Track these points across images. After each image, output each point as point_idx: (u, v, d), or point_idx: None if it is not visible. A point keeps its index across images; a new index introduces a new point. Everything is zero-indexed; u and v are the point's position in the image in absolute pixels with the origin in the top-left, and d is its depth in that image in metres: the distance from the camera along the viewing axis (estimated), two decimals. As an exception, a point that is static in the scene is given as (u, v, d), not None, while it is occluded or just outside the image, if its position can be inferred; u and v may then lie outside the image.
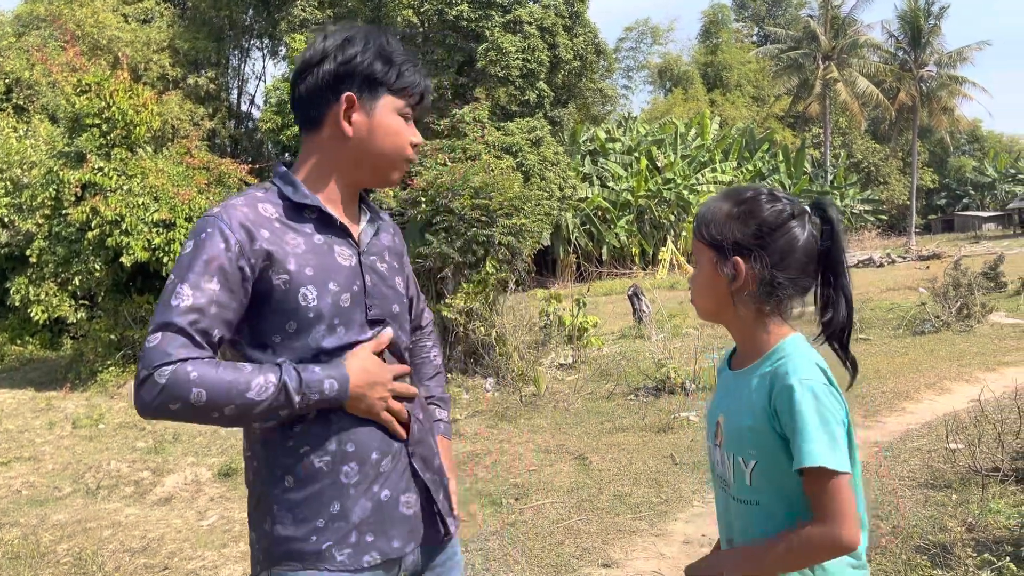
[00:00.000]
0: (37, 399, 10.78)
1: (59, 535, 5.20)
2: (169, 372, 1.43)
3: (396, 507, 1.65)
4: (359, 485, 1.61)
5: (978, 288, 12.08)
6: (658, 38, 59.29)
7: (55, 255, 11.60)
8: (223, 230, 1.52)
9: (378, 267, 1.73)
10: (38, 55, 17.59)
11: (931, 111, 43.63)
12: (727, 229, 1.58)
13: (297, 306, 1.56)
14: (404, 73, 1.69)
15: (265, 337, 1.58)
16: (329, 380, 1.55)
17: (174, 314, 1.47)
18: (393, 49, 1.68)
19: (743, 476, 1.55)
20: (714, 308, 1.64)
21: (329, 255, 1.62)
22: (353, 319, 1.63)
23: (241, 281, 1.53)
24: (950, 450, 5.47)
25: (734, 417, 1.59)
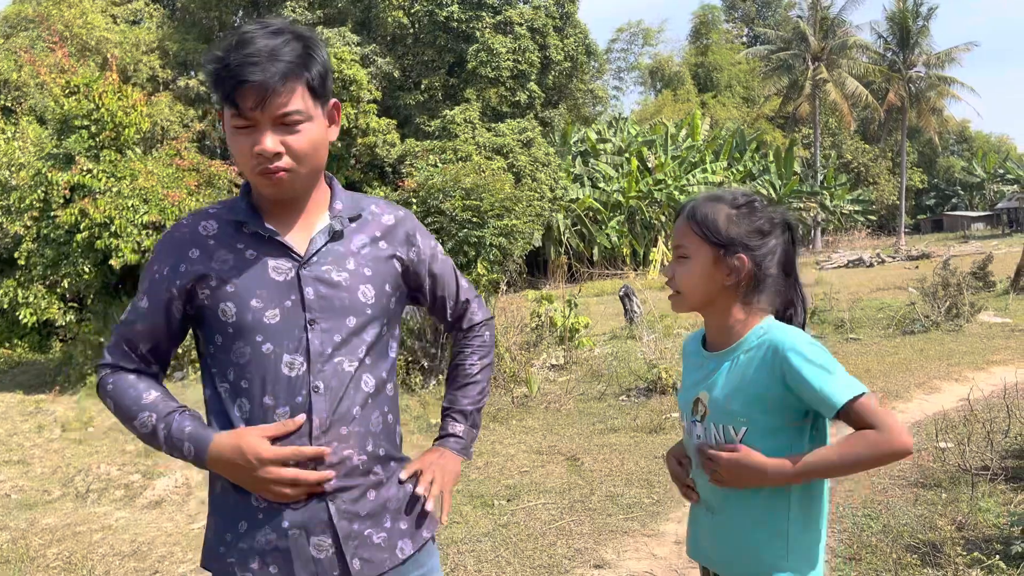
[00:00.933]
0: (26, 402, 10.71)
1: (49, 539, 5.17)
2: (101, 375, 1.67)
3: (306, 546, 1.57)
4: (267, 512, 1.57)
5: (967, 287, 12.14)
6: (649, 39, 59.45)
7: (44, 257, 11.53)
8: (159, 252, 1.64)
9: (330, 277, 1.60)
10: (26, 56, 17.52)
11: (920, 111, 43.91)
12: (733, 228, 1.74)
13: (217, 321, 1.58)
14: (214, 83, 1.51)
15: (204, 348, 1.65)
16: (189, 443, 1.56)
17: (121, 324, 1.67)
18: (216, 58, 1.50)
19: (734, 442, 1.71)
20: (704, 299, 1.79)
21: (260, 271, 1.58)
22: (281, 335, 1.56)
23: (166, 302, 1.61)
24: (940, 449, 5.50)
25: (721, 391, 1.74)
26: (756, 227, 1.75)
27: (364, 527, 1.61)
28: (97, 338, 12.11)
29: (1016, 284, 14.74)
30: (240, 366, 1.56)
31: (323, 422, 1.56)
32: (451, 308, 1.89)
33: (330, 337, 1.58)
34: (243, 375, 1.56)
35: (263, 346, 1.55)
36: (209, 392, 1.63)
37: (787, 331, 1.70)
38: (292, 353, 1.56)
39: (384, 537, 1.64)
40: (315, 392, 1.56)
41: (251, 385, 1.56)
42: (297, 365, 1.56)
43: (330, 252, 1.63)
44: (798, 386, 1.62)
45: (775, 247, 1.76)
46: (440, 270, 1.84)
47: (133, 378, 1.63)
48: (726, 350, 1.77)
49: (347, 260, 1.64)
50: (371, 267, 1.67)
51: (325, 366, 1.57)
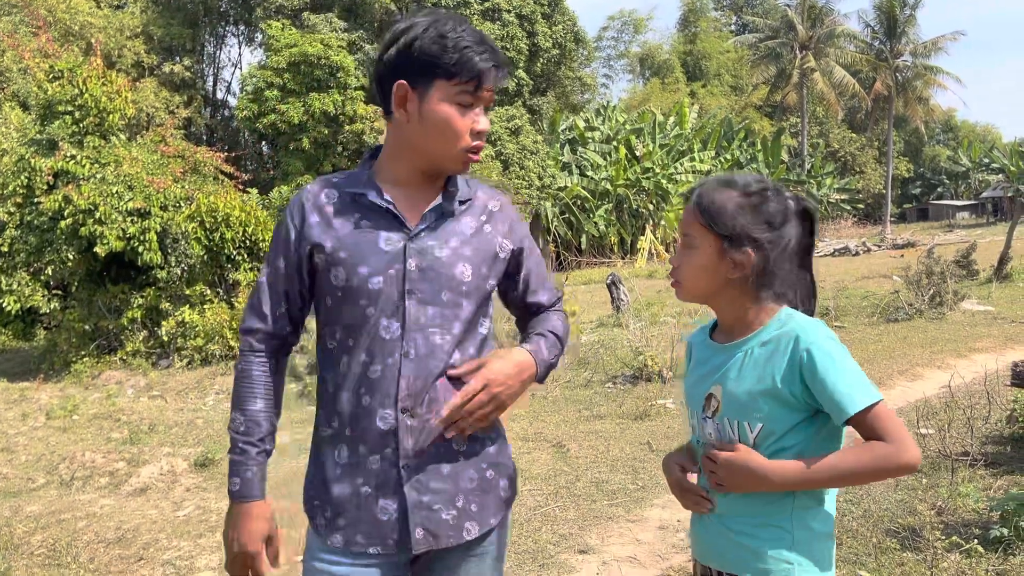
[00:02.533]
0: (10, 390, 10.65)
1: (33, 526, 5.16)
2: (242, 348, 1.79)
3: (372, 507, 1.67)
4: (346, 468, 1.70)
5: (950, 276, 12.23)
6: (640, 28, 59.28)
7: (27, 244, 11.45)
8: (288, 216, 1.76)
9: (434, 252, 1.70)
10: (9, 41, 17.32)
11: (906, 101, 44.07)
12: (740, 219, 1.62)
13: (330, 285, 1.69)
14: (459, 58, 1.63)
15: (317, 309, 1.77)
16: (235, 480, 1.72)
17: (258, 286, 1.78)
18: (455, 35, 1.64)
19: (748, 439, 1.60)
20: (706, 291, 1.69)
21: (371, 239, 1.69)
22: (383, 300, 1.67)
23: (297, 264, 1.73)
24: (921, 435, 5.56)
25: (735, 384, 1.63)
26: (767, 217, 1.63)
27: (434, 500, 1.69)
28: (82, 325, 12.05)
29: (999, 273, 14.86)
30: (347, 326, 1.69)
31: (410, 385, 1.66)
32: (548, 299, 1.92)
33: (424, 308, 1.68)
34: (349, 335, 1.69)
35: (366, 309, 1.67)
36: (320, 349, 1.77)
37: (809, 323, 1.61)
38: (389, 318, 1.67)
39: (453, 515, 1.71)
40: (406, 357, 1.66)
41: (355, 344, 1.68)
42: (393, 330, 1.67)
43: (437, 229, 1.73)
44: (813, 382, 1.54)
45: (788, 239, 1.64)
46: (537, 261, 1.91)
47: (257, 372, 1.75)
48: (740, 340, 1.67)
49: (451, 238, 1.73)
50: (472, 248, 1.75)
51: (417, 334, 1.67)
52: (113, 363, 11.71)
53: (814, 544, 1.61)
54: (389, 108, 1.72)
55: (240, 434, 1.72)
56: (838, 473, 1.55)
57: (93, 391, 10.31)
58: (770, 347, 1.60)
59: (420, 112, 1.67)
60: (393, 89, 1.68)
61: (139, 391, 10.35)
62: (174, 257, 11.68)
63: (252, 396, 1.73)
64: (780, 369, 1.57)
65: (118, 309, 12.07)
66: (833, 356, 1.54)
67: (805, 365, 1.54)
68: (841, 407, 1.52)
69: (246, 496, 1.70)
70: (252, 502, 1.70)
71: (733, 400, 1.63)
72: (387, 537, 1.68)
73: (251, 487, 1.70)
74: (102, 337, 12.12)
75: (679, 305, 13.31)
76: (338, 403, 1.70)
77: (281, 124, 22.51)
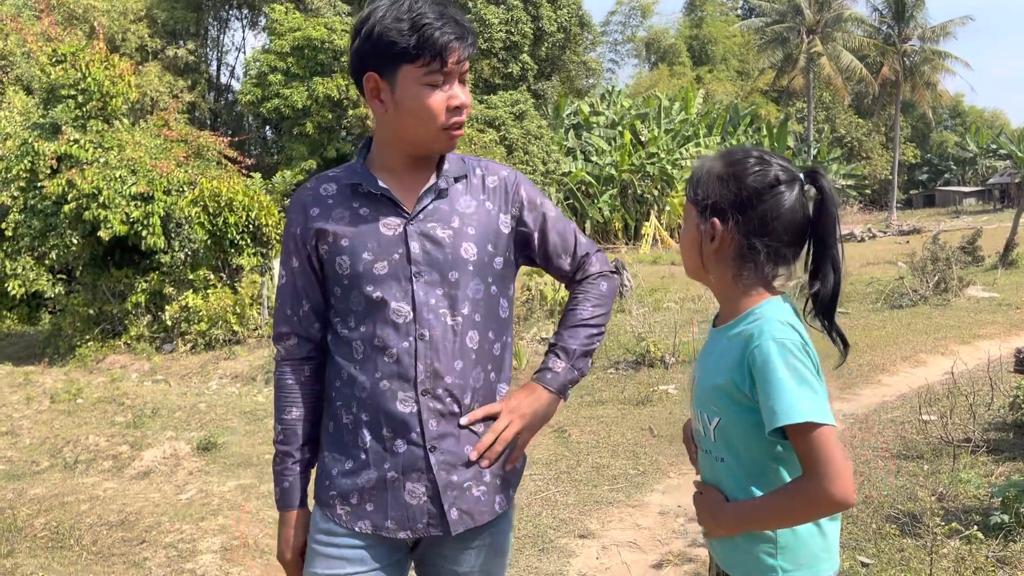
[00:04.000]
0: (15, 374, 10.68)
1: (36, 509, 5.19)
2: (277, 357, 1.83)
3: (400, 491, 1.67)
4: (371, 454, 1.68)
5: (956, 262, 12.20)
6: (648, 12, 58.90)
7: (31, 228, 11.47)
8: (291, 215, 1.78)
9: (435, 233, 1.70)
10: (12, 25, 17.26)
11: (914, 86, 43.77)
12: (711, 189, 1.55)
13: (336, 274, 1.70)
14: (418, 38, 1.59)
15: (328, 298, 1.76)
16: (277, 490, 1.80)
17: (280, 290, 1.81)
18: (411, 14, 1.60)
19: (708, 431, 1.57)
20: (695, 266, 1.64)
21: (372, 226, 1.69)
22: (389, 285, 1.67)
23: (307, 259, 1.74)
24: (923, 422, 5.55)
25: (704, 374, 1.60)
26: (738, 189, 1.52)
27: (464, 479, 1.69)
28: (86, 310, 12.08)
29: (1004, 259, 14.81)
30: (357, 313, 1.70)
31: (427, 368, 1.66)
32: (569, 264, 1.89)
33: (433, 290, 1.68)
34: (360, 322, 1.69)
35: (373, 294, 1.67)
36: (332, 337, 1.76)
37: (773, 323, 1.48)
38: (399, 302, 1.67)
39: (484, 491, 1.72)
40: (421, 339, 1.67)
41: (367, 330, 1.68)
42: (404, 313, 1.67)
43: (436, 210, 1.72)
44: (760, 384, 1.43)
45: (773, 211, 1.50)
46: (552, 226, 1.85)
47: (290, 380, 1.78)
48: (722, 328, 1.61)
49: (452, 218, 1.72)
50: (475, 226, 1.74)
51: (429, 315, 1.67)
52: (117, 347, 11.75)
53: (799, 546, 1.53)
54: (366, 98, 1.72)
55: (280, 443, 1.77)
56: (764, 518, 1.49)
57: (97, 375, 10.35)
58: (733, 341, 1.53)
59: (394, 101, 1.65)
60: (364, 83, 1.67)
61: (143, 375, 10.39)
62: (177, 242, 11.69)
63: (288, 405, 1.77)
64: (733, 365, 1.50)
65: (122, 294, 12.11)
66: (776, 363, 1.41)
67: (751, 364, 1.45)
68: (768, 416, 1.41)
69: (286, 505, 1.77)
70: (290, 511, 1.77)
71: (698, 389, 1.62)
72: (417, 520, 1.68)
73: (289, 497, 1.76)
74: (106, 321, 12.16)
75: (683, 291, 13.30)
76: (356, 389, 1.69)
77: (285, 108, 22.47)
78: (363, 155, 1.79)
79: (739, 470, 1.53)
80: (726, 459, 1.55)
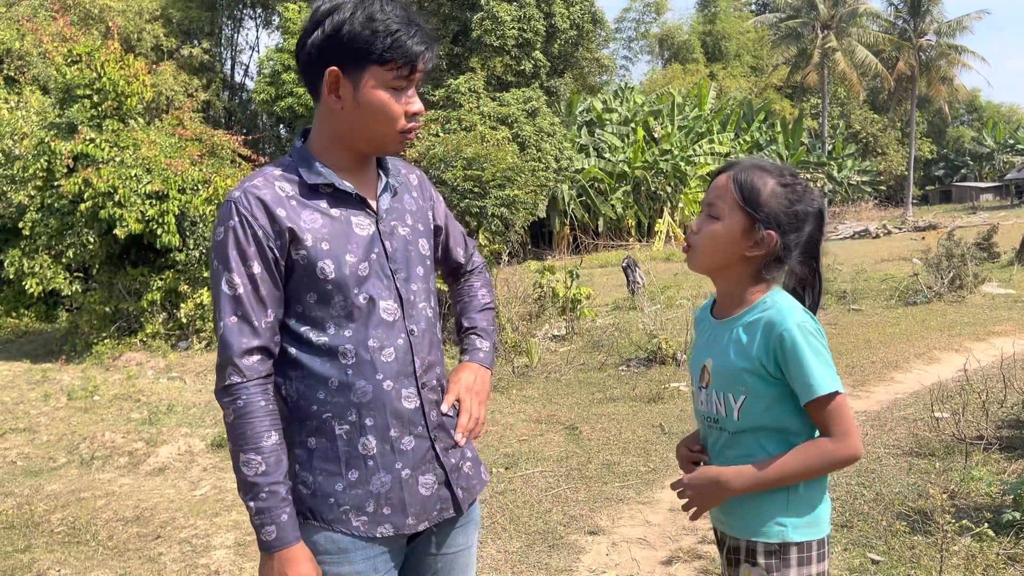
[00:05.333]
0: (32, 371, 10.81)
1: (53, 505, 5.26)
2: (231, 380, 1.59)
3: (416, 486, 1.70)
4: (379, 458, 1.67)
5: (971, 259, 12.10)
6: (662, 9, 58.63)
7: (48, 227, 11.57)
8: (249, 215, 1.61)
9: (399, 232, 1.75)
10: (28, 25, 17.42)
11: (930, 81, 43.37)
12: (773, 204, 1.73)
13: (316, 279, 1.64)
14: (391, 43, 1.59)
15: (291, 307, 1.67)
16: (269, 529, 1.57)
17: (235, 301, 1.60)
18: (383, 16, 1.60)
19: (732, 411, 1.75)
20: (718, 263, 1.79)
21: (346, 227, 1.67)
22: (374, 284, 1.68)
23: (274, 262, 1.63)
24: (935, 419, 5.53)
25: (722, 360, 1.78)
26: (796, 210, 1.74)
27: (457, 459, 1.78)
28: (103, 308, 12.19)
29: (1021, 255, 14.68)
30: (341, 317, 1.65)
31: (423, 361, 1.72)
32: (463, 255, 2.03)
33: (410, 285, 1.74)
34: (345, 325, 1.65)
35: (361, 296, 1.65)
36: (300, 348, 1.65)
37: (790, 307, 1.72)
38: (387, 300, 1.69)
39: (470, 466, 1.82)
40: (412, 335, 1.71)
41: (356, 333, 1.65)
42: (393, 311, 1.69)
43: (393, 208, 1.77)
44: (786, 363, 1.67)
45: (808, 235, 1.77)
46: (452, 222, 1.99)
47: (262, 403, 1.59)
48: (731, 318, 1.80)
49: (406, 216, 1.79)
50: (421, 223, 1.83)
51: (414, 311, 1.73)
52: (133, 345, 11.85)
53: (805, 506, 1.74)
54: (316, 93, 1.68)
55: (262, 475, 1.56)
56: (788, 472, 1.70)
57: (114, 372, 10.44)
58: (752, 328, 1.74)
59: (355, 98, 1.64)
60: (324, 76, 1.63)
61: (158, 373, 10.47)
62: (192, 240, 11.77)
63: (265, 431, 1.58)
64: (758, 349, 1.71)
65: (138, 292, 12.20)
66: (801, 342, 1.66)
67: (778, 348, 1.68)
68: (811, 387, 1.66)
69: (287, 542, 1.57)
70: (292, 547, 1.58)
71: (720, 374, 1.78)
72: (432, 508, 1.73)
73: (288, 532, 1.58)
74: (122, 319, 12.26)
75: (695, 288, 13.26)
76: (352, 394, 1.64)
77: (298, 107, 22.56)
78: (302, 151, 1.72)
79: (764, 437, 1.75)
80: (750, 431, 1.75)
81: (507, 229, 9.91)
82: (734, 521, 1.79)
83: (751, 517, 1.75)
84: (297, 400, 1.67)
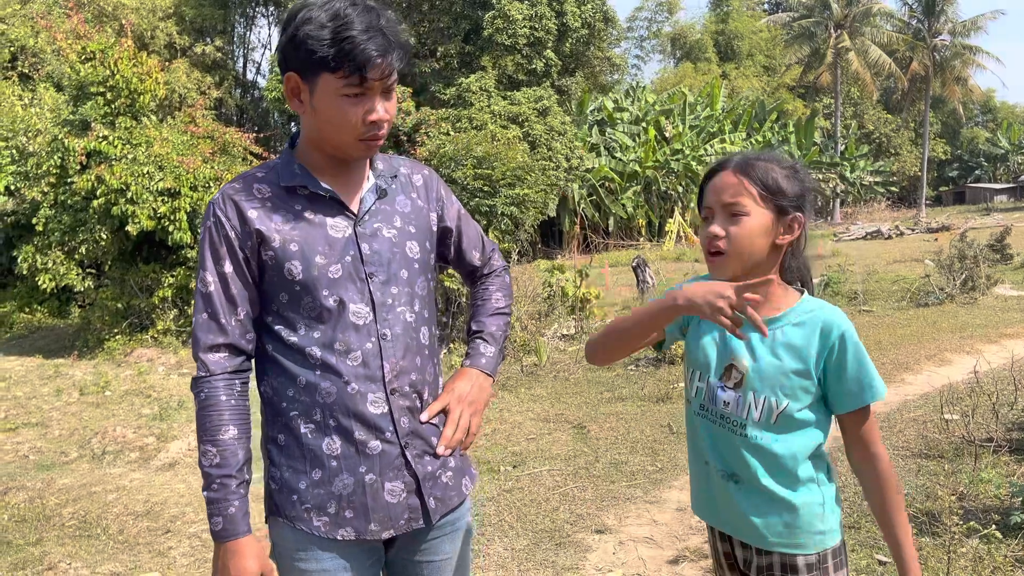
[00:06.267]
0: (45, 366, 10.90)
1: (65, 499, 5.31)
2: (200, 374, 1.64)
3: (380, 491, 1.67)
4: (343, 459, 1.66)
5: (984, 260, 12.04)
6: (674, 8, 58.43)
7: (61, 223, 11.66)
8: (223, 215, 1.65)
9: (382, 233, 1.71)
10: (43, 22, 17.54)
11: (944, 81, 43.15)
12: (791, 186, 1.70)
13: (283, 280, 1.65)
14: (339, 50, 1.55)
15: (267, 304, 1.69)
16: (217, 520, 1.60)
17: (206, 299, 1.65)
18: (338, 23, 1.55)
19: (771, 414, 1.68)
20: (755, 259, 1.70)
21: (319, 229, 1.66)
22: (345, 287, 1.66)
23: (244, 260, 1.65)
24: (945, 420, 5.50)
25: (768, 361, 1.69)
26: (806, 187, 1.74)
27: (435, 468, 1.74)
28: (114, 304, 12.27)
29: (1034, 257, 14.58)
30: (310, 319, 1.65)
31: (394, 367, 1.68)
32: (479, 258, 1.99)
33: (388, 289, 1.70)
34: (314, 327, 1.65)
35: (329, 299, 1.64)
36: (275, 346, 1.69)
37: (837, 311, 1.70)
38: (358, 304, 1.66)
39: (450, 476, 1.77)
40: (383, 339, 1.67)
41: (324, 334, 1.65)
42: (364, 314, 1.66)
43: (379, 210, 1.74)
44: (843, 364, 1.65)
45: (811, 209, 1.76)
46: (466, 224, 1.95)
47: (224, 396, 1.63)
48: (771, 318, 1.70)
49: (394, 218, 1.75)
50: (414, 224, 1.78)
51: (389, 315, 1.69)
52: (144, 341, 11.93)
53: (832, 511, 1.73)
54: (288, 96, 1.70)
55: (215, 467, 1.60)
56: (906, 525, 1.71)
57: (125, 368, 10.52)
58: (804, 329, 1.68)
59: (312, 104, 1.63)
60: (285, 81, 1.64)
61: (169, 369, 10.53)
62: (203, 237, 11.85)
63: (223, 424, 1.62)
64: (814, 351, 1.66)
65: (149, 288, 12.28)
66: (861, 349, 1.66)
67: (836, 350, 1.64)
68: (857, 393, 1.65)
69: (233, 534, 1.60)
70: (239, 539, 1.61)
71: (763, 376, 1.69)
72: (399, 518, 1.69)
73: (235, 524, 1.60)
74: (134, 315, 12.34)
75: (705, 288, 13.22)
76: (319, 395, 1.65)
77: (310, 105, 22.56)
78: (290, 154, 1.74)
79: (794, 444, 1.70)
80: (782, 436, 1.69)
81: (517, 228, 9.91)
82: (767, 533, 1.71)
83: (789, 529, 1.69)
84: (271, 396, 1.70)
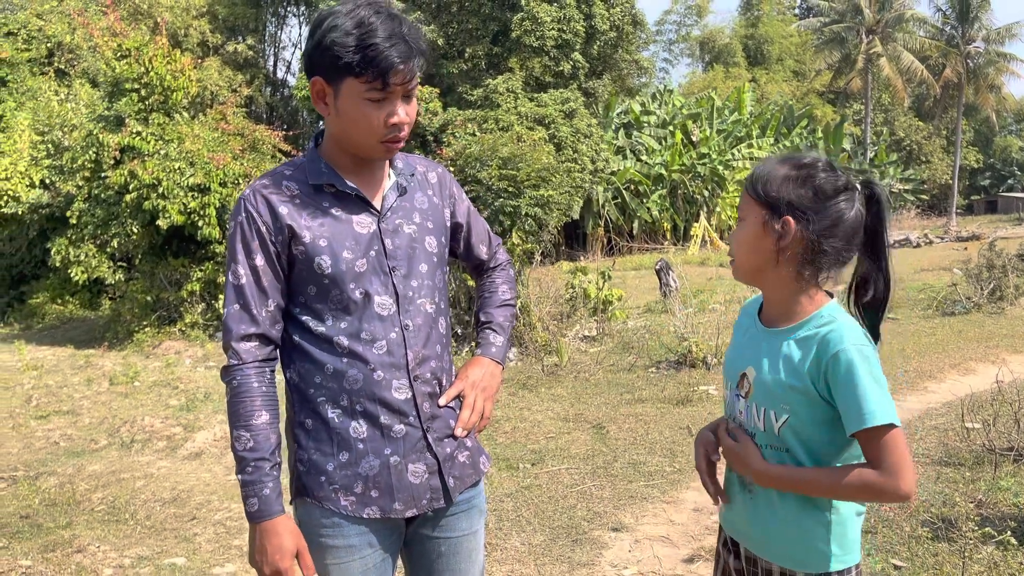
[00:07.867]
0: (76, 356, 11.13)
1: (94, 484, 5.44)
2: (231, 363, 1.74)
3: (404, 473, 1.77)
4: (369, 442, 1.76)
5: (1012, 270, 11.88)
6: (704, 12, 58.17)
7: (94, 217, 11.90)
8: (255, 210, 1.74)
9: (403, 229, 1.81)
10: (79, 19, 17.86)
11: (977, 88, 42.59)
12: (784, 189, 1.62)
13: (314, 273, 1.74)
14: (363, 56, 1.62)
15: (295, 296, 1.79)
16: (252, 501, 1.70)
17: (237, 291, 1.74)
18: (362, 30, 1.63)
19: (772, 427, 1.65)
20: (755, 266, 1.69)
21: (346, 225, 1.76)
22: (371, 280, 1.76)
23: (276, 255, 1.74)
24: (966, 429, 5.48)
25: (768, 373, 1.67)
26: (813, 191, 1.60)
27: (453, 450, 1.84)
28: (144, 297, 12.49)
29: (1065, 268, 14.36)
30: (338, 309, 1.75)
31: (416, 355, 1.79)
32: (486, 252, 2.10)
33: (410, 282, 1.80)
34: (342, 317, 1.75)
35: (356, 291, 1.74)
36: (302, 335, 1.78)
37: (850, 325, 1.61)
38: (382, 296, 1.76)
39: (467, 455, 1.88)
40: (406, 329, 1.78)
41: (351, 324, 1.75)
42: (388, 306, 1.77)
43: (400, 207, 1.84)
44: (836, 385, 1.56)
45: (840, 214, 1.60)
46: (475, 220, 2.06)
47: (256, 383, 1.73)
48: (782, 329, 1.68)
49: (413, 214, 1.85)
50: (432, 220, 1.89)
51: (410, 306, 1.79)
52: (173, 334, 12.13)
53: (844, 531, 1.65)
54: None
55: (250, 451, 1.70)
56: (821, 488, 1.61)
57: (153, 360, 10.71)
58: (806, 344, 1.62)
59: (336, 107, 1.71)
60: (311, 84, 1.72)
61: (196, 361, 10.71)
62: (232, 232, 12.03)
63: (256, 410, 1.72)
64: (810, 367, 1.59)
65: (178, 282, 12.48)
66: (857, 367, 1.54)
67: (831, 369, 1.56)
68: (855, 418, 1.53)
69: (268, 514, 1.70)
70: (274, 518, 1.70)
71: (764, 388, 1.67)
72: (421, 497, 1.80)
73: (270, 504, 1.70)
74: (163, 308, 12.55)
75: (729, 293, 13.21)
76: (345, 381, 1.74)
77: (339, 104, 22.72)
78: (315, 153, 1.83)
79: (806, 459, 1.64)
80: (791, 450, 1.65)
81: (540, 229, 9.96)
82: (770, 545, 1.70)
83: (791, 543, 1.67)
84: (299, 383, 1.79)
